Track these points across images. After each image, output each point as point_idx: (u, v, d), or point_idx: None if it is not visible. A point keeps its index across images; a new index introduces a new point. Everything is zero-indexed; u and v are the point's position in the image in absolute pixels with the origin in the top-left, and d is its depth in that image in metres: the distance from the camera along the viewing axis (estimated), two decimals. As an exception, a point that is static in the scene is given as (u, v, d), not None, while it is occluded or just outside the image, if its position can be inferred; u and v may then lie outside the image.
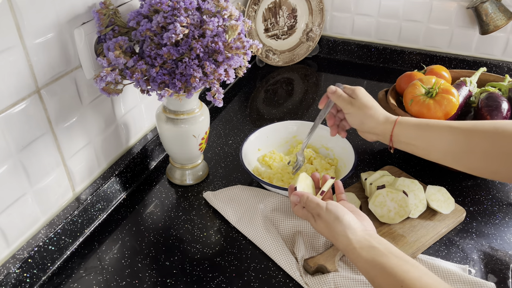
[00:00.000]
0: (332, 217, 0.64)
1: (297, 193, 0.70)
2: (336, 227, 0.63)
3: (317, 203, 0.67)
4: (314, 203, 0.67)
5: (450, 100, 0.86)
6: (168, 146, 0.85)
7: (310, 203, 0.68)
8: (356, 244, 0.60)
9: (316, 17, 1.37)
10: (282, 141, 0.96)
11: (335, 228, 0.63)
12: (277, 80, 1.32)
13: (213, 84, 0.69)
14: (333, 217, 0.64)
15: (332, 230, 0.64)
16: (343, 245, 0.62)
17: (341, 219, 0.63)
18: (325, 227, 0.65)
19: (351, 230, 0.62)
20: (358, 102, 0.75)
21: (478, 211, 0.82)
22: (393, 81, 1.08)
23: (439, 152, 0.70)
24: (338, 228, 0.63)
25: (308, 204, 0.68)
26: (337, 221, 0.63)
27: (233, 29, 0.68)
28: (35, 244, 0.68)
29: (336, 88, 0.77)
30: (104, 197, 0.81)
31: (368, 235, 0.61)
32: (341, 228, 0.63)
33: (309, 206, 0.68)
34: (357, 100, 0.75)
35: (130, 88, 0.85)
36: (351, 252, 0.60)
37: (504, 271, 0.70)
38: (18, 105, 0.62)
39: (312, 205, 0.67)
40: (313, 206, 0.67)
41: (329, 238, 0.65)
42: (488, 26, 1.16)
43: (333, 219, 0.64)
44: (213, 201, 0.83)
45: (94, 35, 0.71)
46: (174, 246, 0.75)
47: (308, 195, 0.69)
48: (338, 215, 0.64)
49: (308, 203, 0.68)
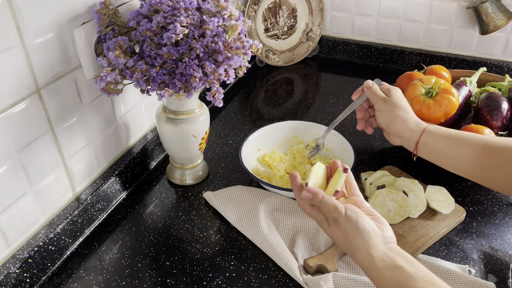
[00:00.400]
0: (351, 227, 0.56)
1: (309, 190, 0.60)
2: (355, 240, 0.56)
3: (335, 206, 0.58)
4: (331, 206, 0.58)
5: (450, 100, 0.86)
6: (168, 146, 0.85)
7: (325, 206, 0.59)
8: (379, 263, 0.54)
9: (316, 17, 1.37)
10: (282, 141, 0.96)
11: (353, 240, 0.56)
12: (277, 80, 1.32)
13: (213, 84, 0.69)
14: (353, 227, 0.56)
15: (350, 242, 0.57)
16: (363, 261, 0.56)
17: (361, 230, 0.56)
18: (342, 237, 0.58)
19: (372, 244, 0.55)
20: (391, 101, 0.74)
21: (478, 211, 0.82)
22: (393, 81, 1.08)
23: (467, 163, 0.68)
24: (357, 241, 0.56)
25: (323, 206, 0.59)
26: (356, 232, 0.56)
27: (233, 29, 0.68)
28: (35, 244, 0.68)
29: (373, 83, 0.77)
30: (104, 197, 0.81)
31: (390, 250, 0.55)
32: (361, 242, 0.56)
33: (324, 208, 0.59)
34: (391, 99, 0.74)
35: (130, 88, 0.85)
36: (372, 270, 0.55)
37: (504, 271, 0.70)
38: (18, 105, 0.62)
39: (328, 207, 0.58)
40: (330, 210, 0.58)
41: (345, 249, 0.58)
42: (488, 26, 1.16)
43: (352, 229, 0.56)
44: (213, 201, 0.83)
45: (94, 35, 0.71)
46: (174, 246, 0.75)
47: (324, 194, 0.59)
48: (358, 225, 0.56)
49: (323, 205, 0.59)
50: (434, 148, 0.71)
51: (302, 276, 0.69)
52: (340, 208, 0.57)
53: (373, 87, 0.76)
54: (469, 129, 0.84)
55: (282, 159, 0.93)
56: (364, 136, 1.04)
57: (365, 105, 0.81)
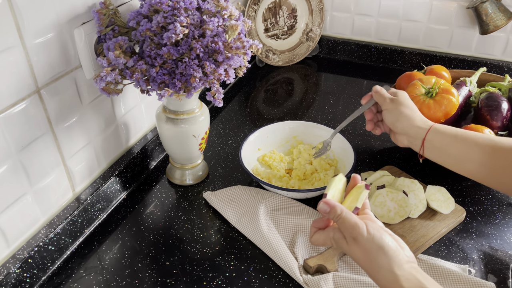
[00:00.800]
0: (375, 247, 0.53)
1: (328, 202, 0.57)
2: (379, 259, 0.53)
3: (355, 223, 0.55)
4: (350, 223, 0.55)
5: (450, 100, 0.87)
6: (168, 146, 0.85)
7: (344, 222, 0.55)
8: (405, 283, 0.51)
9: (316, 17, 1.37)
10: (282, 141, 0.96)
11: (377, 259, 0.53)
12: (277, 80, 1.32)
13: (213, 84, 0.69)
14: (377, 246, 0.53)
15: (373, 261, 0.54)
16: (387, 281, 0.53)
17: (386, 249, 0.53)
18: (363, 256, 0.54)
19: (397, 263, 0.53)
20: (397, 100, 0.75)
21: (478, 211, 0.82)
22: (393, 81, 1.08)
23: (475, 163, 0.67)
24: (381, 260, 0.53)
25: (341, 222, 0.56)
26: (381, 252, 0.53)
27: (233, 29, 0.68)
28: (35, 244, 0.68)
29: (381, 88, 0.79)
30: (104, 197, 0.81)
31: (414, 269, 0.53)
32: (385, 261, 0.53)
33: (342, 224, 0.56)
34: (397, 98, 0.76)
35: (130, 88, 0.85)
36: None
37: (504, 271, 0.70)
38: (18, 105, 0.62)
39: (347, 224, 0.55)
40: (349, 227, 0.55)
41: (366, 268, 0.55)
42: (488, 26, 1.16)
43: (377, 249, 0.53)
44: (213, 201, 0.83)
45: (94, 35, 0.71)
46: (174, 246, 0.75)
47: (343, 209, 0.56)
48: (383, 245, 0.53)
49: (341, 220, 0.56)
50: (441, 147, 0.70)
51: (302, 276, 0.69)
52: (361, 226, 0.54)
53: (381, 91, 0.78)
54: (469, 129, 0.84)
55: (282, 159, 0.93)
56: (364, 136, 1.04)
57: (373, 109, 0.82)
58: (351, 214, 0.56)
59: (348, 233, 0.55)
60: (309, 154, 0.89)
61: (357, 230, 0.54)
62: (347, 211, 0.56)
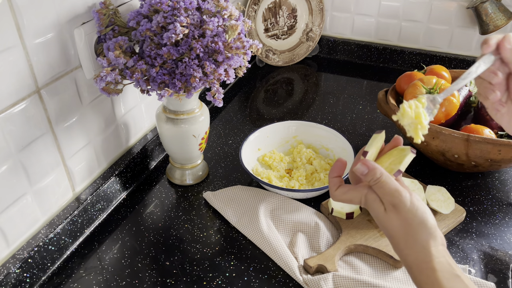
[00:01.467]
0: (417, 220, 0.49)
1: (366, 163, 0.51)
2: (418, 234, 0.48)
3: (397, 189, 0.49)
4: (391, 189, 0.49)
5: (451, 101, 0.86)
6: (168, 146, 0.85)
7: (383, 186, 0.50)
8: (437, 265, 0.47)
9: (316, 17, 1.37)
10: (282, 141, 0.96)
11: (416, 234, 0.49)
12: (277, 80, 1.32)
13: (213, 84, 0.69)
14: (419, 220, 0.49)
15: (411, 234, 0.49)
16: (418, 258, 0.48)
17: (429, 226, 0.48)
18: (401, 226, 0.49)
19: (435, 243, 0.48)
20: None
21: (478, 211, 0.82)
22: (393, 81, 1.08)
23: None
24: (420, 236, 0.48)
25: (380, 186, 0.50)
26: (422, 226, 0.48)
27: (233, 29, 0.67)
28: (35, 244, 0.68)
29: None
30: (104, 197, 0.81)
31: (447, 253, 0.49)
32: (424, 238, 0.48)
33: (380, 189, 0.50)
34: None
35: (130, 88, 0.85)
36: (426, 271, 0.48)
37: (504, 271, 0.70)
38: (18, 105, 0.62)
39: (387, 190, 0.49)
40: (389, 192, 0.49)
41: (398, 240, 0.50)
42: (488, 26, 1.16)
43: (419, 222, 0.49)
44: (213, 201, 0.83)
45: (94, 35, 0.71)
46: (174, 246, 0.75)
47: (383, 172, 0.50)
48: (426, 219, 0.49)
49: (381, 185, 0.50)
50: None
51: (302, 276, 0.69)
52: (405, 194, 0.49)
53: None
54: (469, 129, 0.84)
55: (282, 159, 0.93)
56: (364, 136, 1.04)
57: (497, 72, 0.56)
58: (392, 178, 0.50)
59: (388, 198, 0.50)
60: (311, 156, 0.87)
61: (399, 198, 0.49)
62: (387, 174, 0.50)
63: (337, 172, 0.55)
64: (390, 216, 0.50)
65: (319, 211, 0.81)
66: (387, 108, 0.95)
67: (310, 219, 0.78)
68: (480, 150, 0.80)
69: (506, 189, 0.87)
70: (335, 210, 0.77)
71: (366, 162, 0.51)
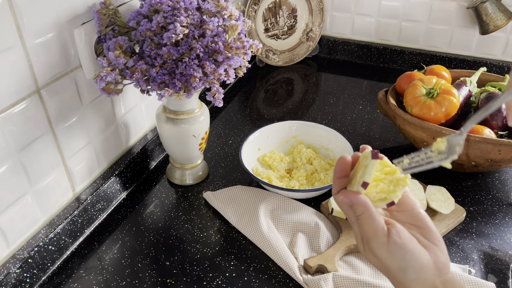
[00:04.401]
0: (394, 267, 0.46)
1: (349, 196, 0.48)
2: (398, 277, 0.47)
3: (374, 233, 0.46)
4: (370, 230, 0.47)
5: (451, 101, 0.86)
6: (168, 146, 0.85)
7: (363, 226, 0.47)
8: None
9: (316, 17, 1.37)
10: (282, 141, 0.96)
11: (396, 277, 0.47)
12: (277, 80, 1.32)
13: (213, 84, 0.69)
14: (398, 266, 0.46)
15: (391, 277, 0.47)
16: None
17: (409, 270, 0.46)
18: (380, 267, 0.48)
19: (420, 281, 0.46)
20: None
21: (478, 211, 0.82)
22: (393, 81, 1.08)
23: None
24: (401, 279, 0.47)
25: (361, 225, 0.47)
26: (401, 272, 0.46)
27: (233, 29, 0.68)
28: (35, 244, 0.68)
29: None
30: (104, 197, 0.81)
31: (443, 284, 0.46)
32: (404, 279, 0.46)
33: (360, 227, 0.47)
34: None
35: (130, 88, 0.85)
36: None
37: (504, 271, 0.70)
38: (18, 105, 0.62)
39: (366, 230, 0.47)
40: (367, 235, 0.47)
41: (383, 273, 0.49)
42: (488, 26, 1.16)
43: (397, 269, 0.46)
44: (213, 201, 0.83)
45: (94, 35, 0.71)
46: (174, 246, 0.75)
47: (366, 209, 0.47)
48: (405, 266, 0.46)
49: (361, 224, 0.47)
50: None
51: (302, 276, 0.69)
52: (381, 238, 0.46)
53: None
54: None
55: (282, 159, 0.93)
56: (364, 136, 1.04)
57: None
58: (374, 217, 0.46)
59: (365, 239, 0.47)
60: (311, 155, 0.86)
61: (374, 242, 0.46)
62: (370, 213, 0.46)
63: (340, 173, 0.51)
64: (369, 256, 0.48)
65: (319, 211, 0.81)
66: (387, 108, 0.95)
67: (310, 219, 0.78)
68: (480, 150, 0.80)
69: (506, 189, 0.87)
70: (335, 210, 0.77)
71: (348, 195, 0.47)
